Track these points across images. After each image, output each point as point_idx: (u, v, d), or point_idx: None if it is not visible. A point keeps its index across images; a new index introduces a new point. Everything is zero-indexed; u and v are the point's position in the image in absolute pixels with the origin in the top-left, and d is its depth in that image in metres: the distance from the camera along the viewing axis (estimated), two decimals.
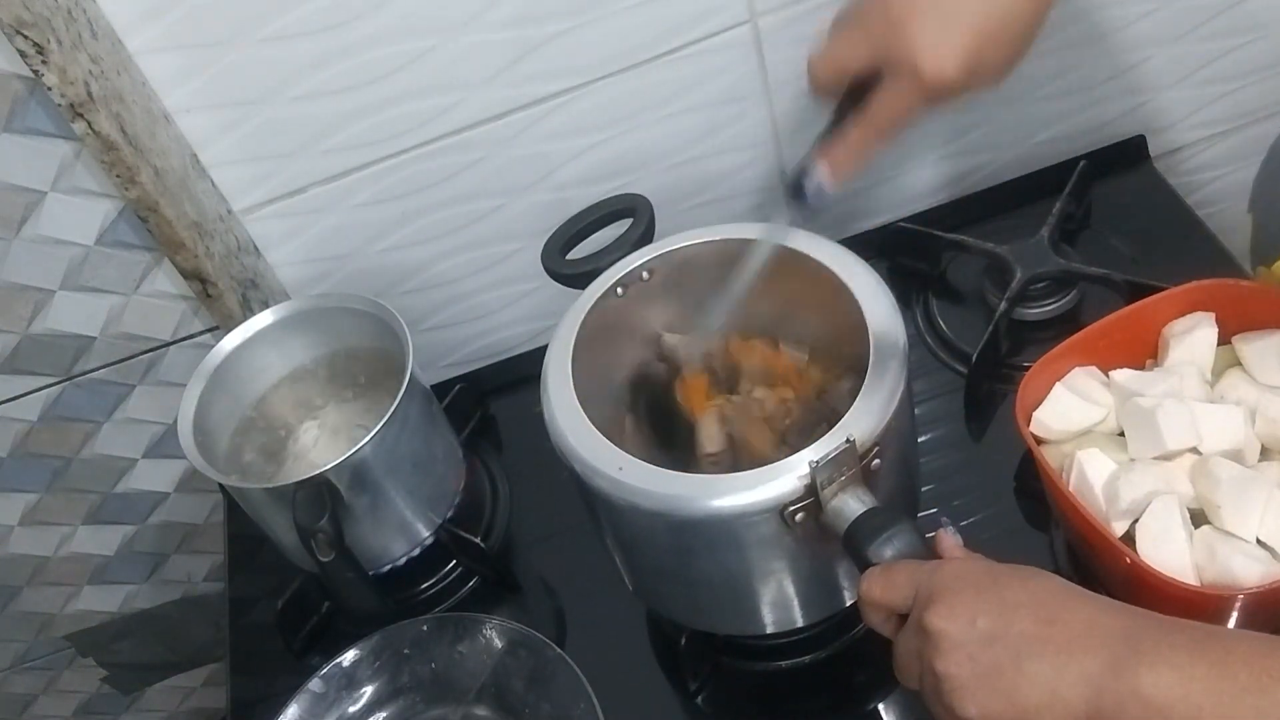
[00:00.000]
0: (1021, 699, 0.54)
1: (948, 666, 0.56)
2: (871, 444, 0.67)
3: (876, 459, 0.67)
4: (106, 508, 1.16)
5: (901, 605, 0.61)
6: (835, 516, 0.66)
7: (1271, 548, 0.72)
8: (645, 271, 0.80)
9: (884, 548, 0.63)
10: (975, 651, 0.55)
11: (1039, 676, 0.54)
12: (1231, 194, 1.22)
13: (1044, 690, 0.53)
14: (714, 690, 0.86)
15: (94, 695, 1.36)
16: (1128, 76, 1.08)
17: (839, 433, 0.66)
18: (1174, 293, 0.85)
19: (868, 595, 0.63)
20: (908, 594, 0.60)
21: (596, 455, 0.70)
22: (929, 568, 0.60)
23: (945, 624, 0.56)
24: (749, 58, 0.96)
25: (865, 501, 0.66)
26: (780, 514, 0.66)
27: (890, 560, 0.63)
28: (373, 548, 0.92)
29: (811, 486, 0.65)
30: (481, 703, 0.88)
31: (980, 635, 0.55)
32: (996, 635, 0.55)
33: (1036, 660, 0.54)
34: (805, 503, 0.66)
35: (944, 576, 0.59)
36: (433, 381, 1.08)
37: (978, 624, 0.56)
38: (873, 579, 0.63)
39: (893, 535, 0.64)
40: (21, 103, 0.84)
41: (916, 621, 0.58)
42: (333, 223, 0.99)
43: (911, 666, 0.60)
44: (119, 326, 1.00)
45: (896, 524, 0.64)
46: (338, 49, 0.88)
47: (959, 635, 0.56)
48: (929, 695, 0.58)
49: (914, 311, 1.04)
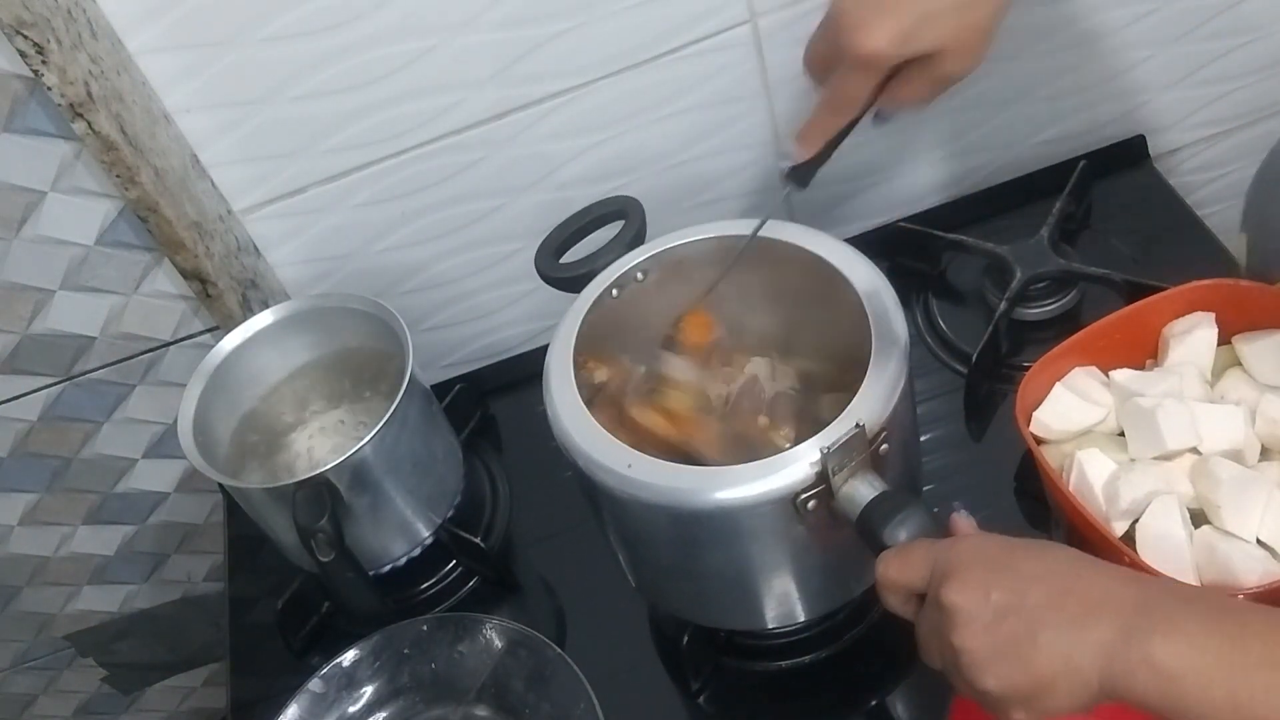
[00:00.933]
0: (1037, 669, 0.54)
1: (964, 640, 0.56)
2: (880, 428, 0.67)
3: (885, 443, 0.68)
4: (106, 508, 1.16)
5: (919, 584, 0.61)
6: (847, 502, 0.66)
7: (1271, 548, 0.72)
8: (640, 272, 0.81)
9: (898, 530, 0.64)
10: (991, 624, 0.56)
11: (1054, 646, 0.54)
12: (1231, 194, 1.22)
13: (1059, 659, 0.54)
14: (715, 690, 0.86)
15: (94, 695, 1.36)
16: (1128, 76, 1.08)
17: (848, 418, 0.66)
18: (1174, 293, 0.85)
19: (884, 577, 0.63)
20: (924, 573, 0.61)
21: (604, 453, 0.70)
22: (944, 545, 0.61)
23: (960, 598, 0.57)
24: (749, 58, 0.96)
25: (876, 486, 0.66)
26: (792, 502, 0.66)
27: (905, 541, 0.63)
28: (373, 548, 0.92)
29: (823, 473, 0.65)
30: (481, 703, 0.88)
31: (995, 608, 0.56)
32: (1011, 608, 0.55)
33: (1051, 630, 0.54)
34: (817, 490, 0.66)
35: (959, 552, 0.59)
36: (433, 381, 1.08)
37: (992, 597, 0.56)
38: (889, 560, 0.63)
39: (907, 517, 0.64)
40: (21, 103, 0.84)
41: (934, 598, 0.59)
42: (333, 223, 0.99)
43: (932, 644, 0.60)
44: (119, 326, 1.00)
45: (909, 506, 0.65)
46: (338, 49, 0.88)
47: (974, 609, 0.56)
48: (949, 670, 0.59)
49: (914, 311, 1.04)
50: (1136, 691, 0.52)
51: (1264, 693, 0.49)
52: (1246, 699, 0.49)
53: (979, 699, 0.57)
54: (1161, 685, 0.51)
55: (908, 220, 1.07)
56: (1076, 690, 0.54)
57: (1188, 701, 0.50)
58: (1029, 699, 0.55)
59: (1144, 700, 0.52)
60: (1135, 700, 0.52)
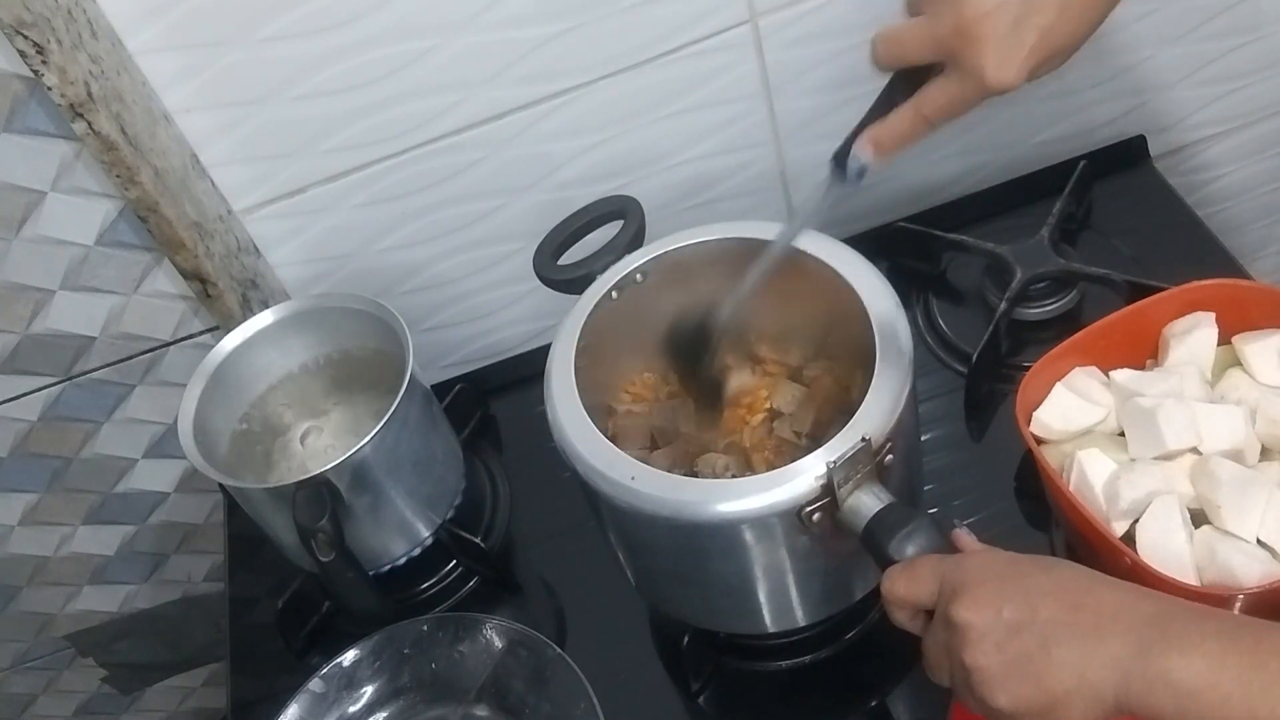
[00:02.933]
0: (1050, 685, 0.54)
1: (976, 658, 0.56)
2: (885, 440, 0.67)
3: (889, 455, 0.68)
4: (106, 508, 1.16)
5: (927, 601, 0.61)
6: (852, 514, 0.66)
7: (1271, 548, 0.72)
8: (640, 274, 0.80)
9: (905, 543, 0.63)
10: (1002, 641, 0.55)
11: (1067, 661, 0.53)
12: (1231, 194, 1.22)
13: (1072, 675, 0.53)
14: (715, 690, 0.86)
15: (94, 695, 1.36)
16: (1128, 76, 1.08)
17: (853, 431, 0.66)
18: (1174, 293, 0.85)
19: (891, 593, 0.62)
20: (933, 589, 0.60)
21: (607, 463, 0.70)
22: (952, 561, 0.60)
23: (971, 615, 0.56)
24: (749, 58, 0.96)
25: (881, 498, 0.66)
26: (797, 514, 0.66)
27: (912, 556, 0.63)
28: (373, 548, 0.92)
29: (829, 486, 0.65)
30: (481, 703, 0.88)
31: (1007, 624, 0.55)
32: (1023, 623, 0.55)
33: (1064, 646, 0.54)
34: (822, 502, 0.66)
35: (968, 569, 0.59)
36: (433, 381, 1.08)
37: (1004, 613, 0.55)
38: (896, 576, 0.62)
39: (913, 530, 0.64)
40: (21, 103, 0.84)
41: (943, 615, 0.58)
42: (333, 223, 0.99)
43: (941, 661, 0.60)
44: (119, 326, 1.00)
45: (916, 519, 0.64)
46: (337, 49, 0.88)
47: (985, 625, 0.56)
48: (959, 688, 0.58)
49: (914, 311, 1.04)
50: (1152, 707, 0.51)
51: None
52: (1266, 715, 0.49)
53: (991, 716, 0.57)
54: (1178, 701, 0.50)
55: (908, 220, 1.07)
56: (1091, 706, 0.53)
57: (1205, 718, 0.50)
58: (1042, 715, 0.54)
59: (1159, 716, 0.51)
60: (1150, 716, 0.51)
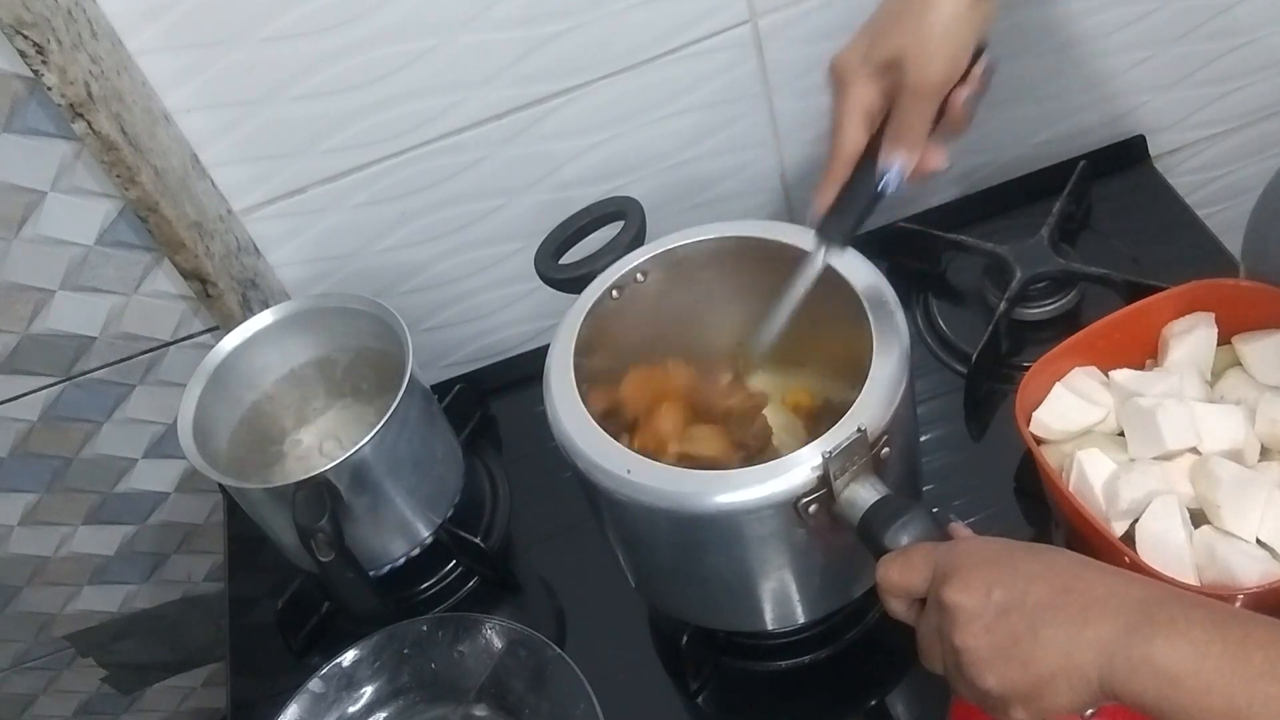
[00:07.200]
0: (1037, 666, 0.54)
1: (965, 639, 0.56)
2: (881, 432, 0.67)
3: (886, 447, 0.68)
4: (106, 508, 1.16)
5: (920, 588, 0.61)
6: (848, 506, 0.66)
7: (1271, 548, 0.72)
8: (640, 273, 0.80)
9: (900, 534, 0.64)
10: (991, 623, 0.56)
11: (1054, 643, 0.54)
12: (1231, 194, 1.22)
13: (1059, 656, 0.53)
14: (715, 690, 0.86)
15: (94, 695, 1.36)
16: (1128, 76, 1.08)
17: (849, 422, 0.66)
18: (1174, 293, 0.85)
19: (886, 580, 0.63)
20: (926, 575, 0.60)
21: (604, 456, 0.70)
22: (944, 547, 0.61)
23: (961, 597, 0.57)
24: (749, 58, 0.96)
25: (877, 490, 0.66)
26: (794, 506, 0.66)
27: (906, 545, 0.63)
28: (373, 548, 0.92)
29: (824, 477, 0.65)
30: (481, 703, 0.88)
31: (996, 606, 0.56)
32: (1012, 605, 0.55)
33: (1052, 627, 0.54)
34: (818, 494, 0.66)
35: (960, 553, 0.59)
36: (433, 381, 1.08)
37: (993, 595, 0.56)
38: (889, 564, 0.63)
39: (908, 521, 0.64)
40: (21, 103, 0.84)
41: (935, 598, 0.59)
42: (333, 223, 0.99)
43: (933, 647, 0.60)
44: (119, 326, 1.00)
45: (910, 509, 0.65)
46: (338, 49, 0.88)
47: (975, 607, 0.56)
48: (950, 672, 0.59)
49: (914, 311, 1.04)
50: (1135, 691, 0.51)
51: (1263, 704, 0.49)
52: (1245, 708, 0.49)
53: (980, 699, 0.57)
54: (1161, 687, 0.51)
55: (908, 220, 1.07)
56: (1077, 688, 0.53)
57: (1186, 706, 0.50)
58: (1029, 697, 0.55)
59: (1141, 701, 0.51)
60: (1133, 700, 0.52)
